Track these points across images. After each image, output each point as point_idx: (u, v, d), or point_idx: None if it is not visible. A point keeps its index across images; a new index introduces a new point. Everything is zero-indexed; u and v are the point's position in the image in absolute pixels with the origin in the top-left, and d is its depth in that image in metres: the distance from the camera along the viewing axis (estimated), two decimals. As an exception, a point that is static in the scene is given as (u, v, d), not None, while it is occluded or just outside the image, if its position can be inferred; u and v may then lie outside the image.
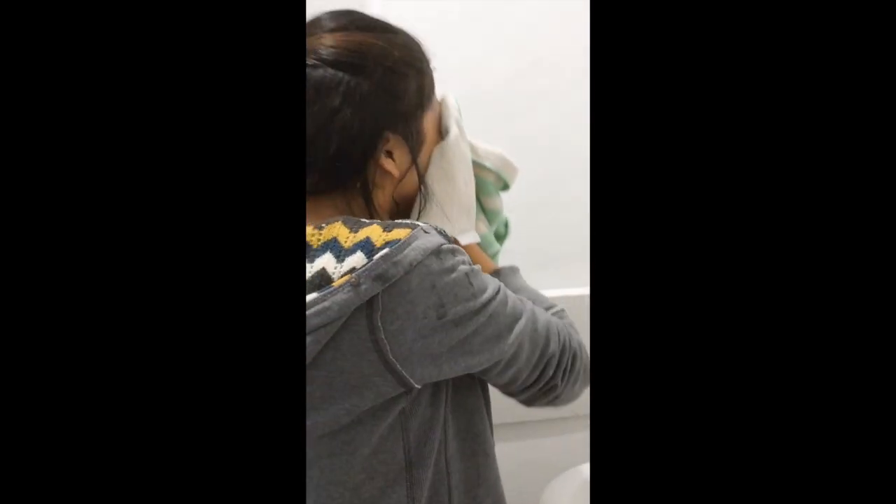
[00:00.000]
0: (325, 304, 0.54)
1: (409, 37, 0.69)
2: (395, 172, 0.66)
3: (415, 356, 0.57)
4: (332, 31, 0.65)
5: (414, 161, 0.67)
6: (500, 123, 1.10)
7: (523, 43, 1.13)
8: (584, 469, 1.01)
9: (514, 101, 1.13)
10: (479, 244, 0.78)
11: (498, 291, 0.62)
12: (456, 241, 0.65)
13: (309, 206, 0.65)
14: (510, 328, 0.62)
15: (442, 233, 0.60)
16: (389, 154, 0.66)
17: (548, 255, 1.18)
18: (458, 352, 0.59)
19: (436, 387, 0.62)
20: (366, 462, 0.60)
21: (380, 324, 0.55)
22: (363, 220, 0.60)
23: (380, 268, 0.55)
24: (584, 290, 1.19)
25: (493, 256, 0.81)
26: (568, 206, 1.17)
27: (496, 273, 0.75)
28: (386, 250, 0.55)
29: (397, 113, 0.65)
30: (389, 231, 0.57)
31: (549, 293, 1.18)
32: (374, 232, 0.57)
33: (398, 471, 0.61)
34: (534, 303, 0.70)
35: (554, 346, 0.66)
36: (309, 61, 0.63)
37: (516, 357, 0.63)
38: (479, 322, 0.59)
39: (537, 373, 0.66)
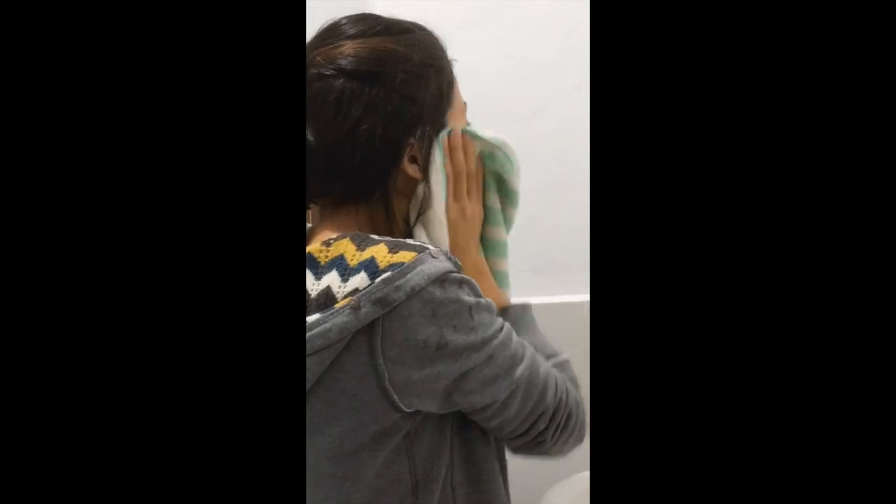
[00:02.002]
0: (327, 325, 0.53)
1: (427, 33, 0.67)
2: (420, 176, 0.64)
3: (412, 386, 0.56)
4: (350, 37, 0.63)
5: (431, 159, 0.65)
6: (503, 129, 1.10)
7: (526, 49, 1.13)
8: (582, 477, 1.01)
9: (517, 107, 1.13)
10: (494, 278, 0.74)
11: (500, 330, 0.60)
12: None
13: (330, 217, 0.64)
14: (507, 373, 0.59)
15: (451, 258, 0.58)
16: (414, 159, 0.64)
17: (550, 262, 1.18)
18: (453, 388, 0.58)
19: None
20: (372, 483, 0.59)
21: (379, 348, 0.54)
22: (373, 236, 0.58)
23: (380, 291, 0.53)
24: (586, 296, 1.19)
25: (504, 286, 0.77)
26: (570, 213, 1.17)
27: (507, 309, 0.70)
28: (388, 273, 0.54)
29: (419, 117, 0.64)
30: (395, 253, 0.56)
31: (549, 300, 1.19)
32: (379, 252, 0.56)
33: (405, 493, 0.60)
34: (538, 348, 0.67)
35: (549, 401, 0.63)
36: (327, 72, 0.62)
37: (507, 405, 0.61)
38: (477, 360, 0.57)
39: (527, 425, 0.63)
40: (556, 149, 1.16)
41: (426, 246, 0.57)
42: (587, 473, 1.01)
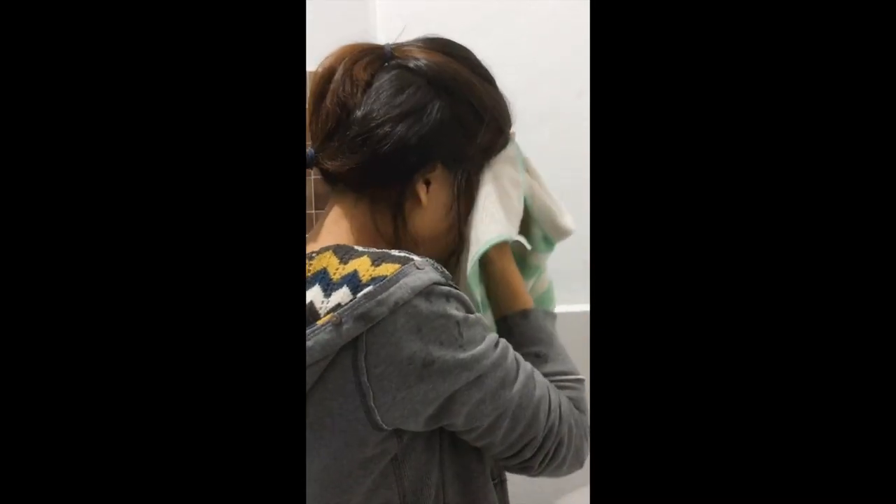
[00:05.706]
0: (309, 343, 0.52)
1: (502, 96, 0.69)
2: (424, 203, 0.63)
3: (396, 406, 0.54)
4: (437, 49, 0.65)
5: (454, 203, 0.65)
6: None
7: (531, 55, 1.12)
8: (587, 491, 0.99)
9: (522, 113, 1.12)
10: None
11: (494, 347, 0.58)
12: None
13: (331, 203, 0.64)
14: (495, 396, 0.57)
15: (439, 269, 0.57)
16: (427, 183, 0.63)
17: (553, 271, 1.17)
18: (439, 408, 0.56)
19: (430, 431, 0.59)
20: None
21: (364, 366, 0.52)
22: (357, 248, 0.57)
23: (362, 306, 0.52)
24: (586, 306, 1.17)
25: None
26: (576, 220, 1.15)
27: (528, 312, 0.69)
28: (370, 288, 0.52)
29: (460, 149, 0.64)
30: (378, 265, 0.54)
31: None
32: (362, 265, 0.54)
33: None
34: (553, 361, 0.65)
35: (539, 429, 0.60)
36: (407, 63, 0.63)
37: (493, 430, 0.58)
38: (467, 379, 0.55)
39: (513, 451, 0.61)
40: (562, 155, 1.15)
41: (411, 257, 0.55)
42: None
